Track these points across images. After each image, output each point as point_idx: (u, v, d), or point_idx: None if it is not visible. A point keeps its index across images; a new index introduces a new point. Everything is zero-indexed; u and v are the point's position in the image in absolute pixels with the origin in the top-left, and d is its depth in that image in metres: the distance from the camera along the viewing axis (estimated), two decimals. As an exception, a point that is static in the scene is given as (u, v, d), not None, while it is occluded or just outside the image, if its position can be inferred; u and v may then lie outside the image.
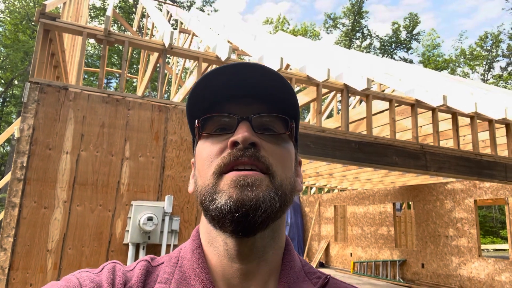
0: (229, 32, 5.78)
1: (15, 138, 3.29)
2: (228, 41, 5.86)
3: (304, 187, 14.61)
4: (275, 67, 4.21)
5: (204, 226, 0.59)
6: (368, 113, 4.80)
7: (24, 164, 3.03)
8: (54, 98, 3.27)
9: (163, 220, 3.34)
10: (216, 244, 0.56)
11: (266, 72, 0.55)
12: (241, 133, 0.53)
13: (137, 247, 3.25)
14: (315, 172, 9.98)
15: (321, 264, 13.05)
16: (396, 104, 5.09)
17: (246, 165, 0.52)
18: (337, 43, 30.33)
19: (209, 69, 7.89)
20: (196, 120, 0.59)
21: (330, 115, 10.96)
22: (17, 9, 20.78)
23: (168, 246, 3.33)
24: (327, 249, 13.30)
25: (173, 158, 3.54)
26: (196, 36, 7.46)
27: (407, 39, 31.06)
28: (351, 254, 12.31)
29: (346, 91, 4.76)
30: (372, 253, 11.55)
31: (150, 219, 3.20)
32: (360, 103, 9.44)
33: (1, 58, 20.62)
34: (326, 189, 14.42)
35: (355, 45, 31.15)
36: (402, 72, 5.98)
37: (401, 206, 12.91)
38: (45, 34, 3.55)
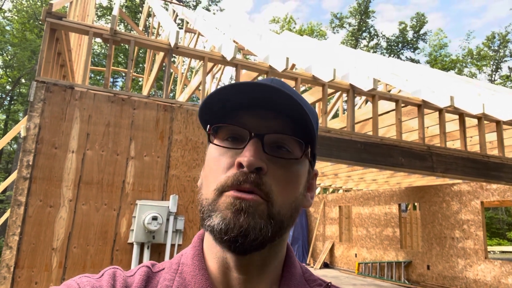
0: (235, 31, 5.78)
1: (21, 136, 3.30)
2: (234, 41, 5.85)
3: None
4: (280, 67, 4.20)
5: (207, 233, 0.58)
6: (374, 114, 4.77)
7: (30, 163, 3.05)
8: (60, 97, 3.28)
9: (167, 219, 3.34)
10: (215, 250, 0.56)
11: (288, 91, 0.53)
12: (247, 156, 0.52)
13: (141, 246, 3.25)
14: (320, 172, 9.94)
15: (325, 265, 13.01)
16: (402, 105, 5.05)
17: (246, 190, 0.52)
18: (343, 43, 30.22)
19: (214, 69, 7.89)
20: (208, 126, 0.58)
21: (335, 115, 10.92)
22: (24, 8, 20.94)
23: (172, 245, 3.34)
24: (331, 249, 13.26)
25: (178, 158, 3.54)
26: (202, 35, 7.47)
27: (414, 39, 30.86)
28: (355, 254, 12.26)
29: (352, 91, 4.73)
30: (377, 254, 11.50)
31: (154, 218, 3.20)
32: (366, 103, 9.40)
33: (9, 57, 20.79)
34: (331, 190, 14.38)
35: (362, 45, 31.01)
36: (409, 73, 5.94)
37: (406, 207, 12.84)
38: (52, 33, 3.56)
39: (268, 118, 0.56)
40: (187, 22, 8.70)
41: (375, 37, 30.98)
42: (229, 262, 0.55)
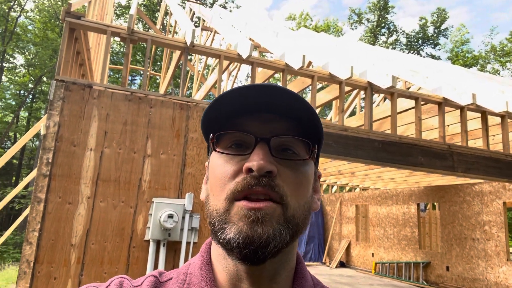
0: (251, 29, 5.75)
1: (41, 134, 3.37)
2: (250, 39, 5.83)
3: (325, 185, 14.48)
4: (297, 64, 4.16)
5: (215, 243, 0.57)
6: (392, 112, 4.68)
7: (50, 160, 3.11)
8: (79, 95, 3.33)
9: (183, 217, 3.36)
10: (225, 263, 0.55)
11: (288, 92, 0.53)
12: (256, 161, 0.50)
13: (157, 243, 3.28)
14: (336, 170, 9.85)
15: (341, 264, 12.91)
16: (422, 103, 4.94)
17: (259, 195, 0.50)
18: (361, 39, 29.79)
19: (231, 67, 7.88)
20: (211, 134, 0.56)
21: (353, 113, 10.79)
22: (46, 8, 21.42)
23: (188, 243, 3.35)
24: (348, 248, 13.14)
25: (193, 156, 3.56)
26: (218, 33, 7.47)
27: (435, 35, 30.17)
28: (372, 254, 12.11)
29: (370, 89, 4.65)
30: (395, 254, 11.33)
31: (170, 216, 3.22)
32: (384, 101, 9.24)
33: (31, 56, 21.32)
34: (347, 188, 14.23)
35: (381, 41, 30.51)
36: (429, 69, 5.80)
37: (425, 207, 12.59)
38: (71, 32, 3.62)
39: (270, 120, 0.55)
40: (204, 20, 8.73)
41: (394, 33, 30.44)
42: (240, 273, 0.53)
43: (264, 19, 8.50)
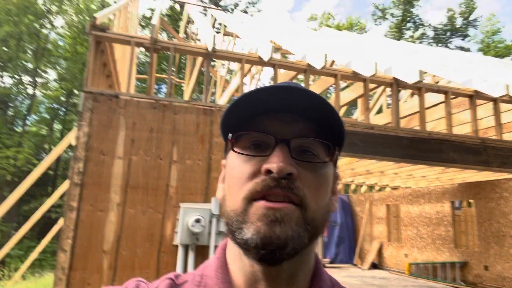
0: (272, 32, 5.75)
1: (72, 145, 3.50)
2: (271, 41, 5.83)
3: (353, 185, 14.24)
4: (319, 64, 4.12)
5: (232, 244, 0.56)
6: (421, 107, 4.54)
7: (81, 170, 3.21)
8: (107, 106, 3.43)
9: (210, 221, 3.38)
10: (242, 264, 0.54)
11: (309, 92, 0.52)
12: (276, 162, 0.49)
13: (186, 248, 3.32)
14: (365, 170, 9.65)
15: (374, 265, 12.62)
16: (452, 96, 4.77)
17: (278, 196, 0.50)
18: (386, 35, 29.19)
19: (254, 70, 7.91)
20: (230, 134, 0.56)
21: (379, 111, 10.55)
22: (74, 24, 22.29)
23: (216, 247, 3.37)
24: (380, 250, 12.83)
25: (218, 160, 3.58)
26: (240, 38, 7.52)
27: (463, 26, 29.15)
28: (406, 255, 11.77)
29: (396, 85, 4.53)
30: (429, 254, 10.96)
31: (198, 221, 3.25)
32: (412, 96, 8.99)
33: (62, 70, 22.21)
34: (377, 188, 13.92)
35: (407, 36, 29.77)
36: (458, 62, 5.60)
37: (460, 205, 12.13)
38: (97, 45, 3.74)
39: (290, 121, 0.54)
40: (225, 26, 8.81)
41: (421, 26, 29.64)
42: (257, 273, 0.52)
43: (286, 21, 8.49)
